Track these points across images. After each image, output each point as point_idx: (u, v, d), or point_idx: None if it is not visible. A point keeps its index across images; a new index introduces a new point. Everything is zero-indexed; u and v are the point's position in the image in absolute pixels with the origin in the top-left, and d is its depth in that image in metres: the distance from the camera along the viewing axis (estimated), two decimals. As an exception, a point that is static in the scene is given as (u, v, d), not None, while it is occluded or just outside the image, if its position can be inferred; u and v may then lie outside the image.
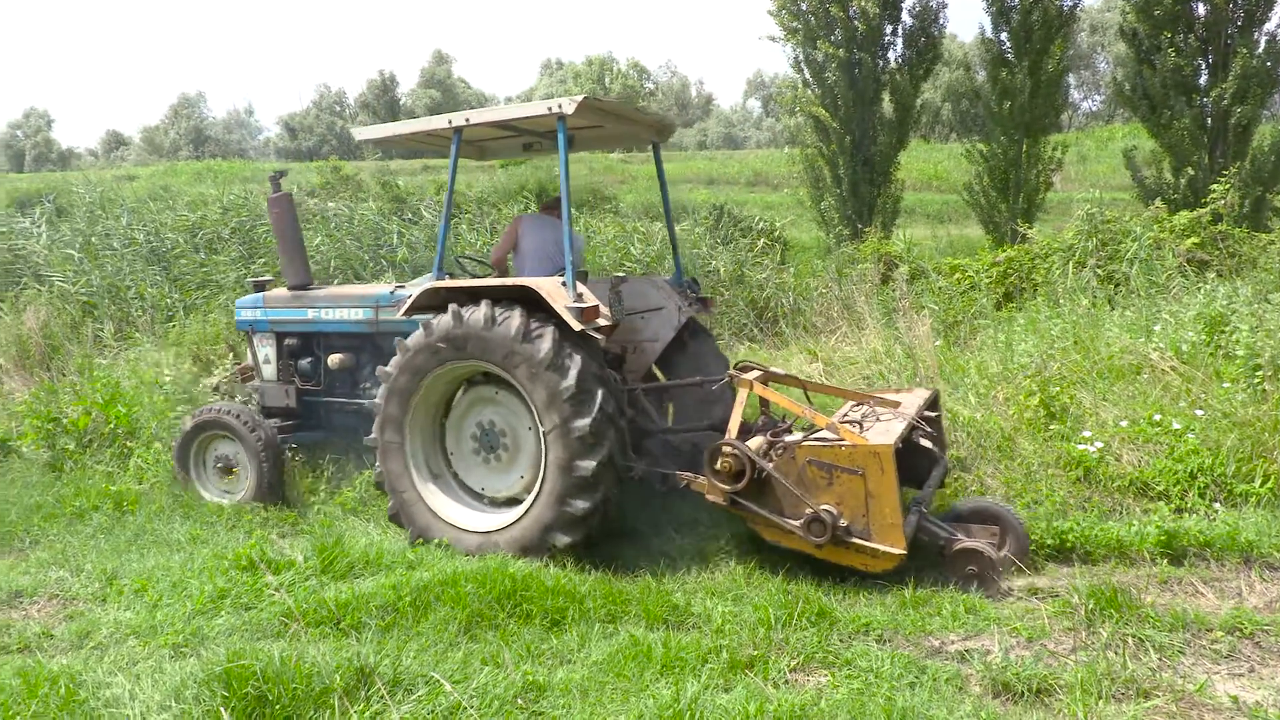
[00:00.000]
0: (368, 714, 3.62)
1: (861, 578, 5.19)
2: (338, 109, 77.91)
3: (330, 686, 3.71)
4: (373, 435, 6.11)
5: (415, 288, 6.32)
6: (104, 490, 7.15)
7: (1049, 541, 5.61)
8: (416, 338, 5.88)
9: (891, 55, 21.61)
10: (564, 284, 5.68)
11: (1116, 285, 10.74)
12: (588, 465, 5.39)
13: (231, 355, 9.99)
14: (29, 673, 4.04)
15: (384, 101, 73.18)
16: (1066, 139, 32.10)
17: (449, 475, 6.21)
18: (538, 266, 6.65)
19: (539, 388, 5.46)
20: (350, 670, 3.84)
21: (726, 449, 5.35)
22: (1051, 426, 6.91)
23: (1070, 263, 11.55)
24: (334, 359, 7.22)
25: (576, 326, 5.47)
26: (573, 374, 5.40)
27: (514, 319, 5.53)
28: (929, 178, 38.48)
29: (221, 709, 3.56)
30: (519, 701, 3.84)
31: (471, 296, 5.78)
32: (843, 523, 5.08)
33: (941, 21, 21.53)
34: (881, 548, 5.02)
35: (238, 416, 7.09)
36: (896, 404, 6.03)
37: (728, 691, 3.92)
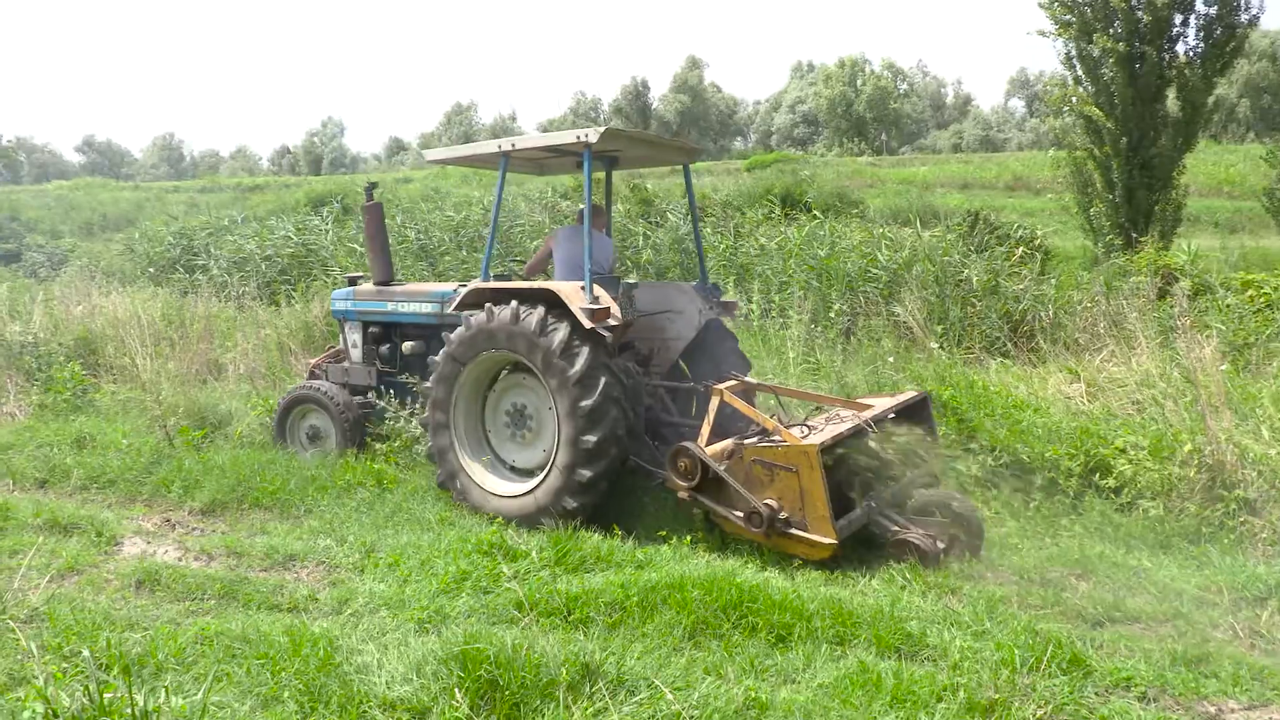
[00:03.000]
0: (590, 711, 3.66)
1: (1122, 623, 4.69)
2: (593, 114, 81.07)
3: (556, 679, 3.79)
4: (425, 415, 7.14)
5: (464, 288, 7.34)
6: (369, 467, 7.77)
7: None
8: (459, 332, 6.93)
9: (1180, 48, 19.52)
10: (583, 288, 6.51)
11: None
12: (590, 439, 6.26)
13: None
14: (295, 633, 4.43)
15: (636, 107, 75.36)
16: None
17: (487, 448, 7.18)
18: (568, 273, 7.50)
19: (553, 374, 6.40)
20: (576, 665, 3.91)
21: (683, 453, 6.06)
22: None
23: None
24: (407, 345, 8.27)
25: (588, 324, 6.33)
26: (580, 362, 6.30)
27: (534, 316, 6.48)
28: (1219, 182, 34.61)
29: (456, 689, 3.72)
30: (739, 718, 3.75)
31: (506, 297, 6.75)
32: (783, 515, 5.67)
33: (1254, 8, 19.11)
34: (815, 538, 5.58)
35: (324, 392, 8.32)
36: (866, 407, 6.53)
37: (964, 736, 3.64)
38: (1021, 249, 15.33)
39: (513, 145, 7.11)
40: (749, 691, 3.90)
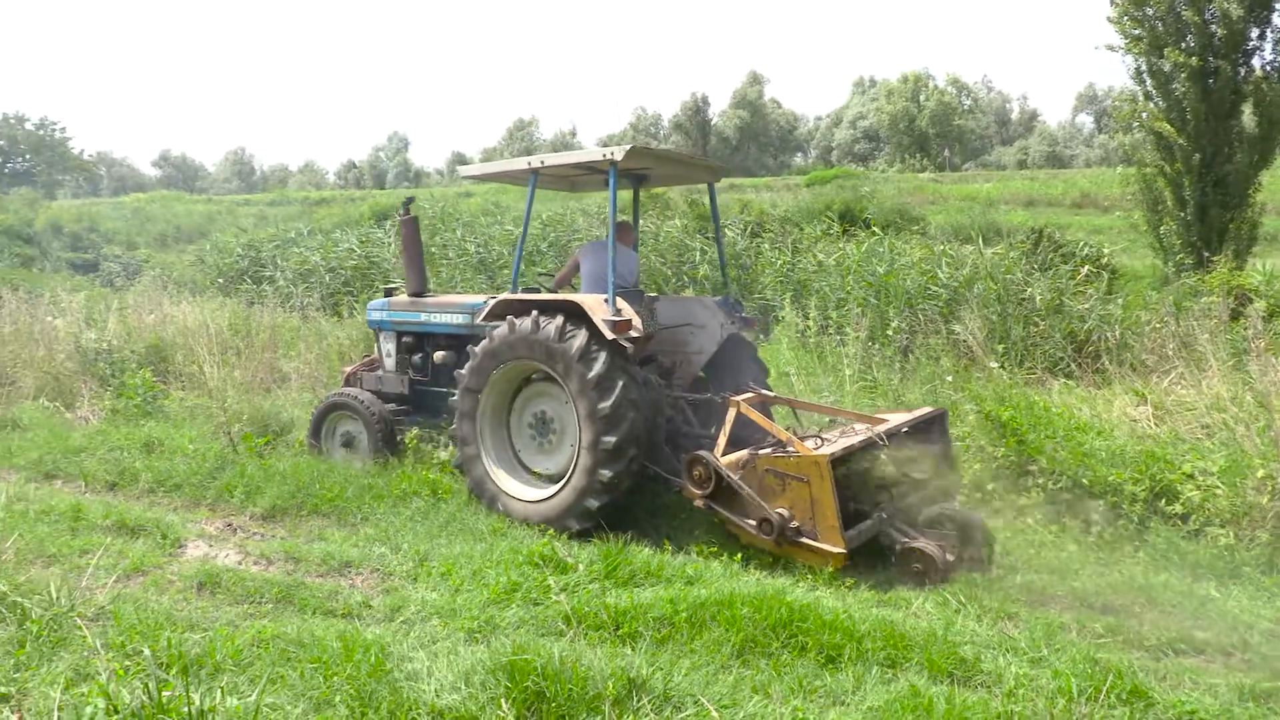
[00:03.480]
0: (635, 726, 3.65)
1: (1187, 655, 4.54)
2: (652, 130, 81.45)
3: (602, 693, 3.79)
4: (454, 426, 7.39)
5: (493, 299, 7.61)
6: (424, 477, 7.87)
7: None
8: (483, 345, 7.18)
9: (1256, 62, 18.94)
10: (606, 300, 6.74)
11: None
12: (610, 440, 6.45)
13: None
14: (348, 638, 4.50)
15: (696, 123, 75.39)
16: None
17: (512, 456, 7.41)
18: (594, 286, 7.55)
19: (573, 379, 6.63)
20: (623, 679, 3.91)
21: (699, 461, 6.25)
22: None
23: None
24: (438, 355, 8.54)
25: (609, 335, 6.55)
26: (598, 366, 6.50)
27: (553, 325, 6.70)
28: (1299, 201, 33.39)
29: (503, 699, 3.75)
30: (786, 738, 3.71)
31: (531, 309, 6.98)
32: (794, 524, 5.82)
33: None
34: (825, 547, 5.71)
35: (358, 400, 8.56)
36: (881, 421, 6.60)
37: (1017, 765, 3.55)
38: (1087, 267, 14.99)
39: (542, 162, 7.35)
40: (796, 712, 3.86)
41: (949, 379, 9.07)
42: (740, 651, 4.61)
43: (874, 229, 17.98)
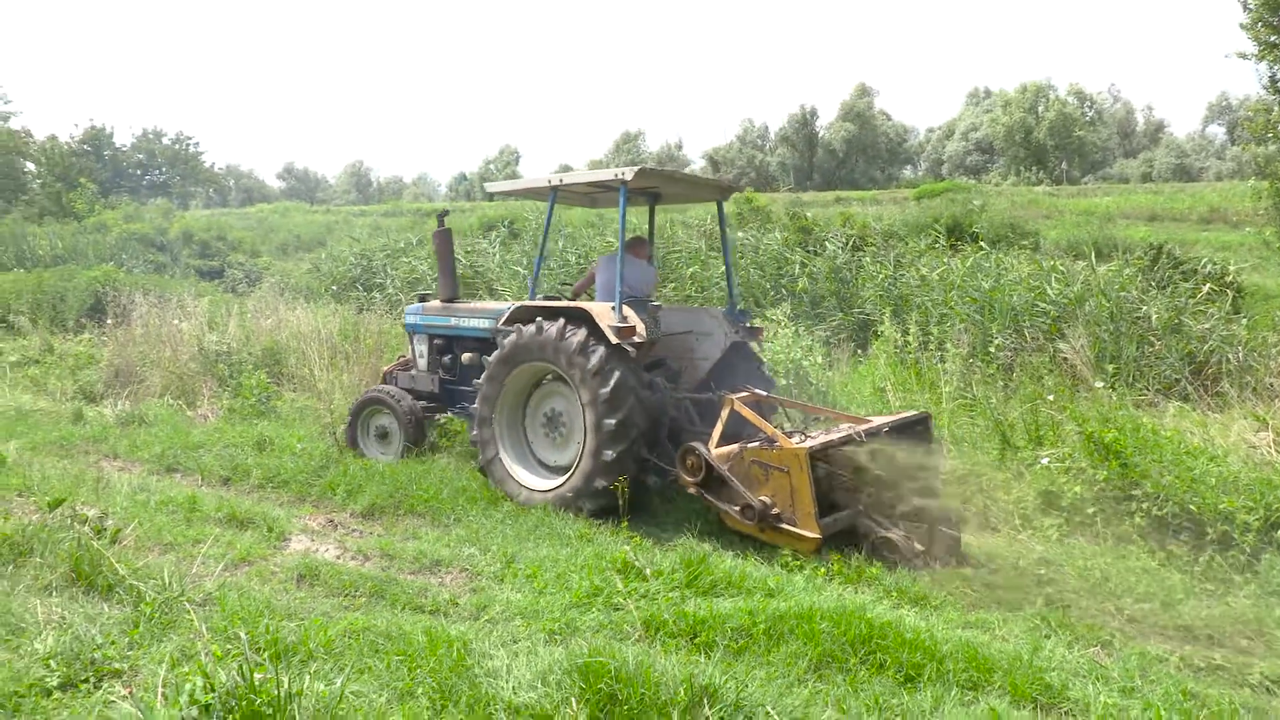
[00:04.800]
0: (704, 734, 3.67)
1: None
2: (759, 142, 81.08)
3: (673, 699, 3.82)
4: (473, 432, 8.15)
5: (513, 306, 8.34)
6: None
7: None
8: (500, 349, 7.90)
9: (1401, 71, 17.77)
10: (614, 308, 7.41)
11: None
12: (611, 422, 7.13)
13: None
14: (433, 633, 4.65)
15: (802, 135, 74.79)
16: None
17: (525, 446, 8.17)
18: (606, 296, 8.29)
19: (575, 370, 7.32)
20: (694, 687, 3.93)
21: (691, 452, 6.82)
22: None
23: None
24: (466, 356, 9.18)
25: (614, 340, 7.23)
26: (596, 359, 7.20)
27: (554, 326, 7.47)
28: None
29: (575, 699, 3.82)
30: (858, 755, 3.67)
31: (546, 314, 7.69)
32: (775, 511, 6.36)
33: None
34: (802, 532, 6.23)
35: (392, 396, 9.30)
36: (866, 422, 7.04)
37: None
38: (1209, 285, 14.26)
39: (560, 180, 8.09)
40: (870, 729, 3.81)
41: (1050, 398, 8.76)
42: (817, 666, 4.57)
43: (982, 244, 17.51)
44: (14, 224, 31.49)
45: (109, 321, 14.92)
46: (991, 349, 10.97)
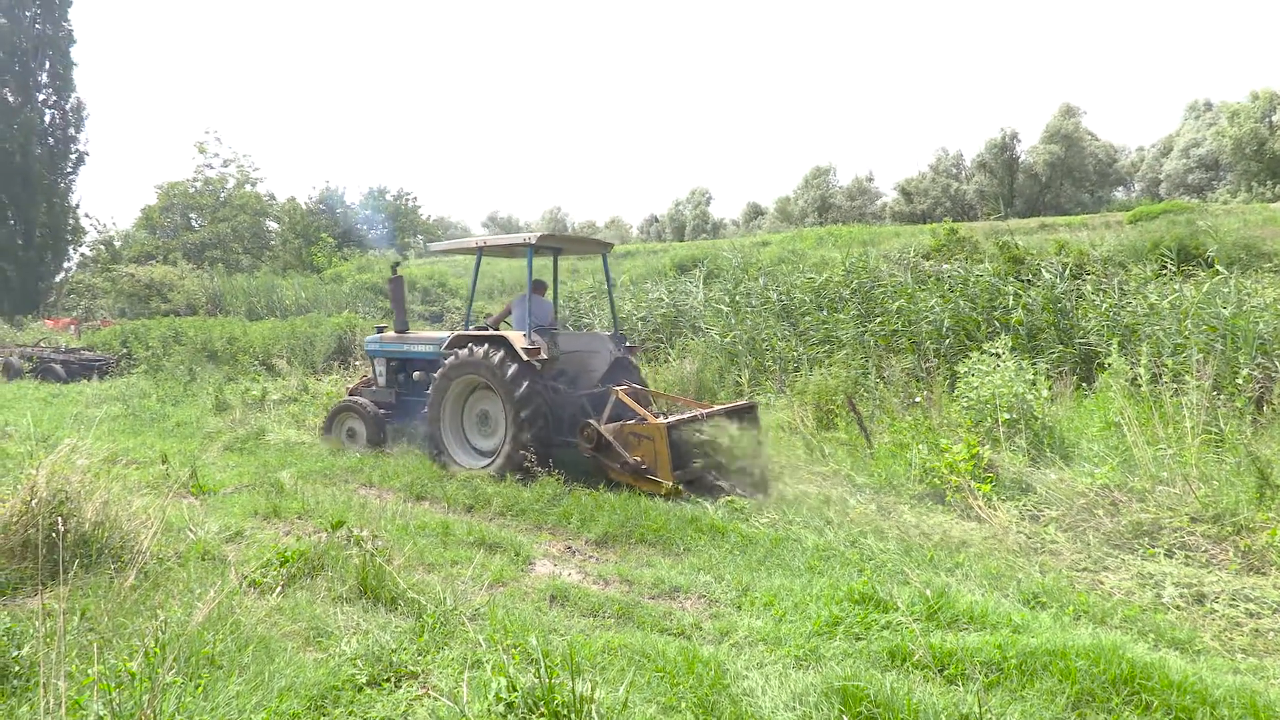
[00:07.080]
0: (971, 761, 3.71)
1: None
2: (954, 171, 78.52)
3: (936, 726, 3.89)
4: (424, 412, 11.20)
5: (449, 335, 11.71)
6: (735, 526, 8.30)
7: None
8: (444, 366, 10.86)
9: None
10: (524, 335, 10.43)
11: None
12: (524, 414, 10.05)
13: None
14: (687, 653, 4.92)
15: (1001, 161, 71.86)
16: None
17: (464, 438, 11.10)
18: (518, 326, 11.35)
19: (499, 382, 10.23)
20: (956, 717, 3.98)
21: (587, 426, 9.79)
22: None
23: None
24: (416, 375, 12.49)
25: (525, 357, 10.20)
26: (511, 371, 10.13)
27: (482, 349, 10.45)
28: None
29: (837, 720, 3.96)
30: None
31: (476, 340, 10.69)
32: (644, 466, 9.30)
33: None
34: (660, 480, 9.17)
35: (359, 404, 12.45)
36: (707, 405, 10.90)
37: None
38: None
39: (484, 243, 11.18)
40: (1144, 768, 3.74)
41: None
42: (1076, 704, 4.49)
43: (1216, 267, 16.31)
44: (265, 277, 35.14)
45: (357, 363, 16.42)
46: (1239, 381, 10.25)
